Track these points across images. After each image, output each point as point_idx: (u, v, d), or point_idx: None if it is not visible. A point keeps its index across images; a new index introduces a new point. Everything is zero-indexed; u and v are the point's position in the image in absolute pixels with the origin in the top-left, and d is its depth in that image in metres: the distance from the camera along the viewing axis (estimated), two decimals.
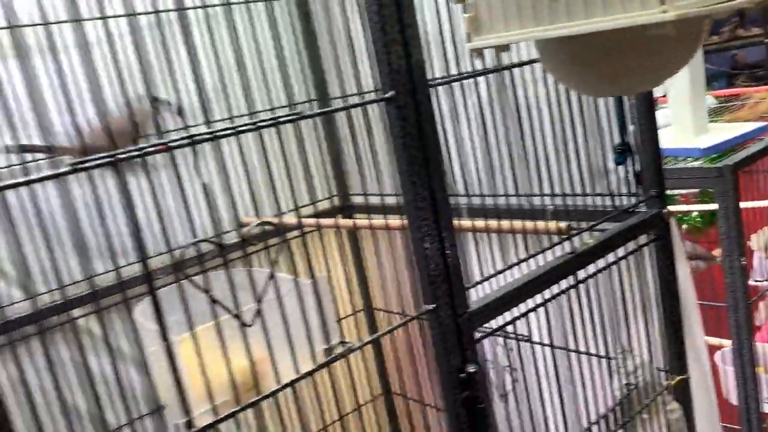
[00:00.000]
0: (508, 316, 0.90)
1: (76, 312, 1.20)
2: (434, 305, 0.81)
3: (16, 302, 1.19)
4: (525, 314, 0.89)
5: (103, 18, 1.09)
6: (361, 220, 0.76)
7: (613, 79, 0.74)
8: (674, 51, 0.72)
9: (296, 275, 0.74)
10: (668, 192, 1.06)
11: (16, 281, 1.20)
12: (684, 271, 1.08)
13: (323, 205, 1.56)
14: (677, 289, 1.09)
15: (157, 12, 1.22)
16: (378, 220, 0.85)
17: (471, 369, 0.81)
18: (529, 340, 1.13)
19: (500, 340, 1.35)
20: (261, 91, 1.45)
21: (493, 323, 0.85)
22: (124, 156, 0.56)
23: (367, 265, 1.60)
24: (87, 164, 0.55)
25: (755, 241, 1.40)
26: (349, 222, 0.74)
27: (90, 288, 1.14)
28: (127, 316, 1.17)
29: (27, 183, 0.54)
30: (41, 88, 0.92)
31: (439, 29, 1.08)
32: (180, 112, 1.21)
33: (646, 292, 1.12)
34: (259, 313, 0.64)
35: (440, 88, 1.14)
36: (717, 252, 1.44)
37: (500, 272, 0.88)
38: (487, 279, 0.87)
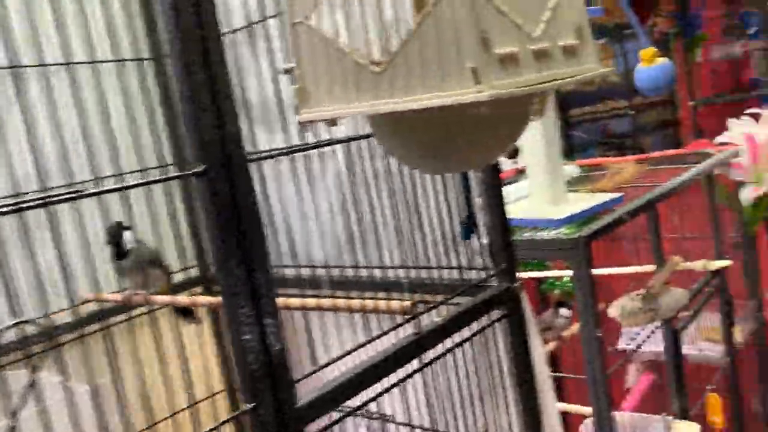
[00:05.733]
0: (353, 402, 0.83)
1: None
2: (254, 404, 0.72)
3: None
4: (361, 407, 0.82)
5: None
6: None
7: (437, 156, 0.71)
8: (498, 130, 0.70)
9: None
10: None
11: None
12: (536, 346, 1.05)
13: (177, 277, 1.45)
14: (531, 365, 1.07)
15: None
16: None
17: None
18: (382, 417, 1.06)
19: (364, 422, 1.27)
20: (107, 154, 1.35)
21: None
22: None
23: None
24: None
25: (613, 309, 1.41)
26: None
27: None
28: None
29: None
30: None
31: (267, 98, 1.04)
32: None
33: (502, 369, 1.09)
34: (13, 430, 0.53)
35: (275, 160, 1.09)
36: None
37: (331, 363, 0.81)
38: (316, 371, 0.79)
